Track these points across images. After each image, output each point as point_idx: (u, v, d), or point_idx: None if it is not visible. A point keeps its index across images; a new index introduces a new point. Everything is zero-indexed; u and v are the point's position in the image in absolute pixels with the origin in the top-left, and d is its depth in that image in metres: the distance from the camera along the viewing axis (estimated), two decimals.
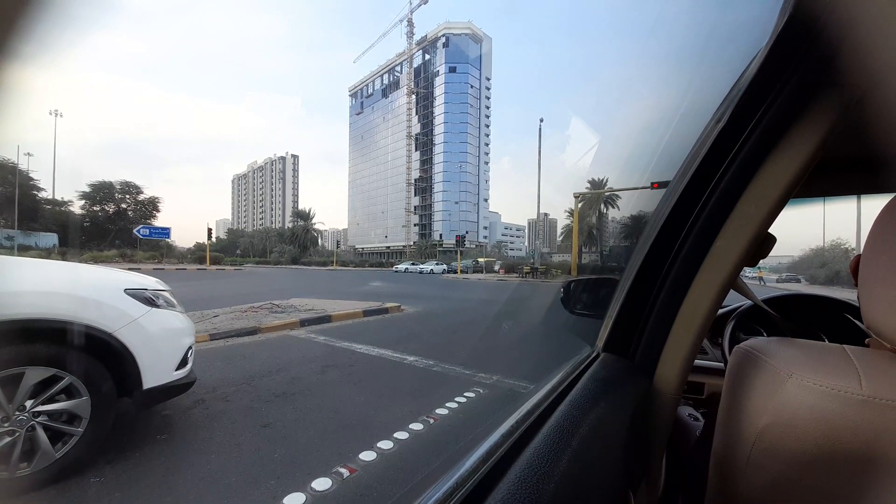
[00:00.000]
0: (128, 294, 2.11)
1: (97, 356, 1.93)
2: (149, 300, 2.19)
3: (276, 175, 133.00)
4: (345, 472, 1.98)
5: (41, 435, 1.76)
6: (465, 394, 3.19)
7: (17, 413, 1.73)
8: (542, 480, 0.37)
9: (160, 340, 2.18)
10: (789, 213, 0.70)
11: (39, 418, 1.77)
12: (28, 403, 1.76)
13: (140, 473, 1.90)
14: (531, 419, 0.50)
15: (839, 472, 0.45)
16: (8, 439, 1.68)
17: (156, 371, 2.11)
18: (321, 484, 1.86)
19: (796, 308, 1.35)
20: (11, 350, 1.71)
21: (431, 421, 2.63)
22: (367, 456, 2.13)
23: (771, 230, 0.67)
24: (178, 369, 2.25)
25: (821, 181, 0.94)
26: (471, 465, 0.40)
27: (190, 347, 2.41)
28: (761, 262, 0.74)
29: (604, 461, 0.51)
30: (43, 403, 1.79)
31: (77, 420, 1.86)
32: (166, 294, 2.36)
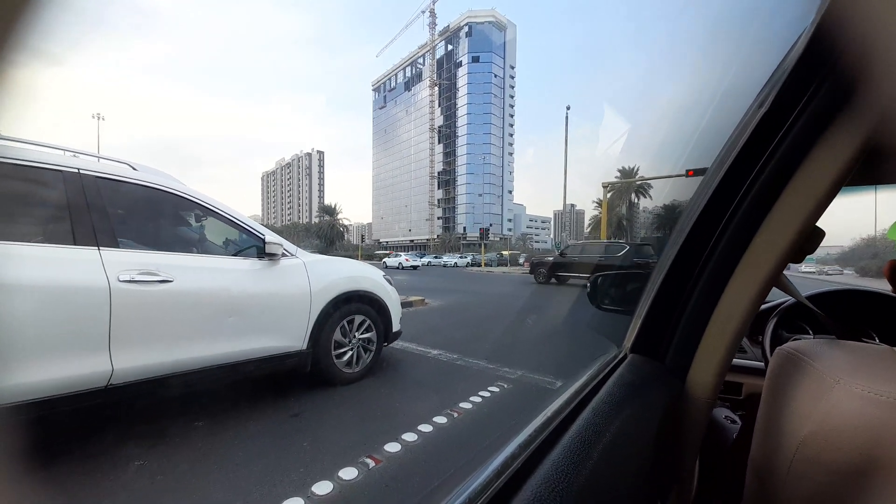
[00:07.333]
0: (384, 278, 3.67)
1: (378, 311, 3.47)
2: (388, 281, 3.72)
3: (303, 171, 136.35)
4: (370, 462, 2.02)
5: (360, 353, 3.32)
6: (490, 388, 3.18)
7: (354, 337, 3.28)
8: (560, 497, 0.35)
9: (395, 305, 3.70)
10: (838, 201, 0.64)
11: (358, 343, 3.31)
12: (356, 334, 3.30)
13: (179, 459, 2.01)
14: (551, 427, 0.48)
15: (890, 486, 0.41)
16: (350, 352, 3.23)
17: (394, 322, 3.64)
18: (347, 473, 1.91)
19: (845, 305, 1.24)
20: (351, 307, 3.23)
21: (455, 415, 2.64)
22: (392, 447, 2.16)
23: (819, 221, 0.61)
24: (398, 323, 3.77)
25: (872, 168, 0.86)
26: (484, 479, 0.38)
27: None
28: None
29: (630, 471, 0.48)
30: (362, 334, 3.35)
31: (371, 347, 3.44)
32: (389, 277, 3.81)
